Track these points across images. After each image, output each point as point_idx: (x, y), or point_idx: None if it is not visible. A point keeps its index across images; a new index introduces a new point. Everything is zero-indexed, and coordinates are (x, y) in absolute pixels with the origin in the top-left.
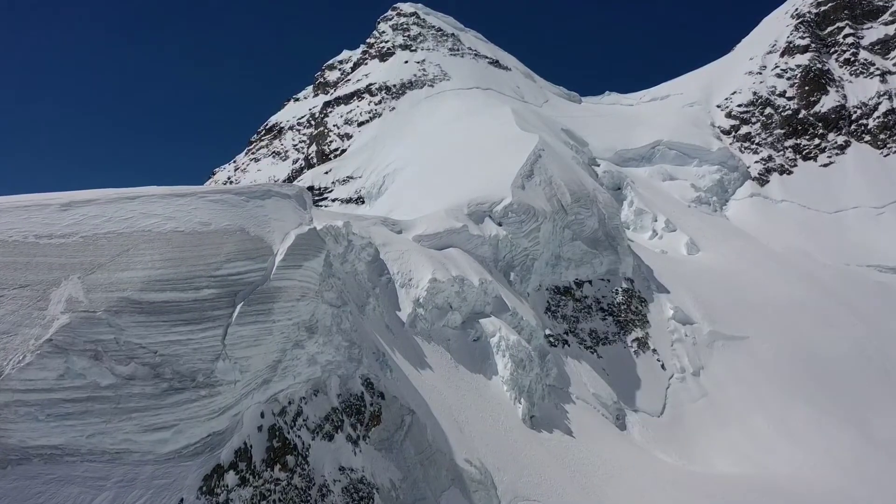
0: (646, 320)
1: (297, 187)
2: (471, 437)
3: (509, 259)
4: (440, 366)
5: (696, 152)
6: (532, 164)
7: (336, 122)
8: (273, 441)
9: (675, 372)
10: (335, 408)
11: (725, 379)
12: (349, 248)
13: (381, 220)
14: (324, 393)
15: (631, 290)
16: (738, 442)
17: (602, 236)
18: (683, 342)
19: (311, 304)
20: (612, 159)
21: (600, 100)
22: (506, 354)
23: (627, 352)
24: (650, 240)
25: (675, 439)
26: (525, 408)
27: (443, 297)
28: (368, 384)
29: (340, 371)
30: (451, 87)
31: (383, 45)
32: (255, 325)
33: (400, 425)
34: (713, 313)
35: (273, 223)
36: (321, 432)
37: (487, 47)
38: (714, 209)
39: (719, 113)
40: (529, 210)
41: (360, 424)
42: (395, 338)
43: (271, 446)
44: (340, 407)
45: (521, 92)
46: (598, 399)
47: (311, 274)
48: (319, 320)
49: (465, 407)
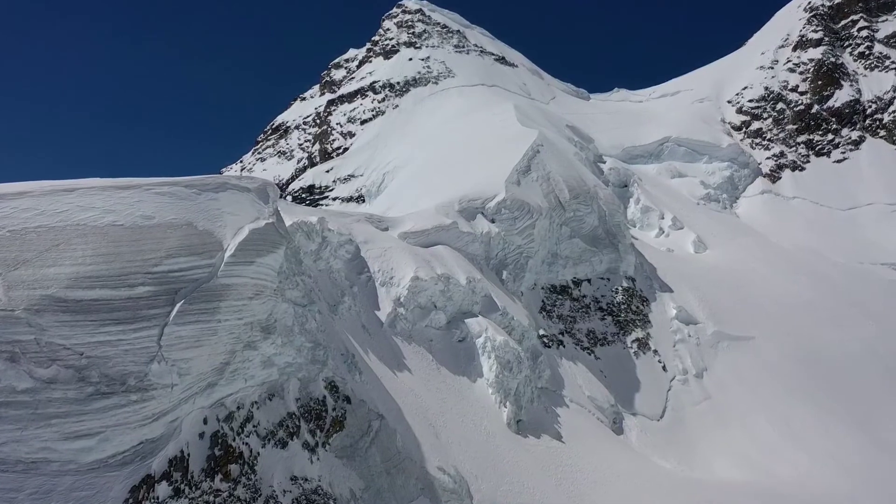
0: (647, 320)
1: (261, 180)
2: (447, 443)
3: (502, 257)
4: (420, 368)
5: (706, 149)
6: (529, 159)
7: (339, 121)
8: (215, 449)
9: (677, 374)
10: (292, 413)
11: (729, 381)
12: (323, 245)
13: (365, 217)
14: (280, 397)
15: (632, 289)
16: (741, 446)
17: (602, 234)
18: (686, 343)
19: (269, 302)
20: (620, 156)
21: (609, 96)
22: (491, 356)
23: (627, 353)
24: (656, 238)
25: (675, 444)
26: (511, 411)
27: (426, 297)
28: (333, 388)
29: (301, 374)
30: (455, 84)
31: (388, 43)
32: (197, 324)
33: (366, 431)
34: (718, 313)
35: (226, 217)
36: (273, 439)
37: (494, 44)
38: (724, 206)
39: (730, 109)
40: (524, 206)
41: (320, 430)
42: (370, 339)
43: (213, 454)
44: (298, 412)
45: (527, 89)
46: (593, 402)
47: (267, 271)
48: (279, 320)
49: (444, 411)
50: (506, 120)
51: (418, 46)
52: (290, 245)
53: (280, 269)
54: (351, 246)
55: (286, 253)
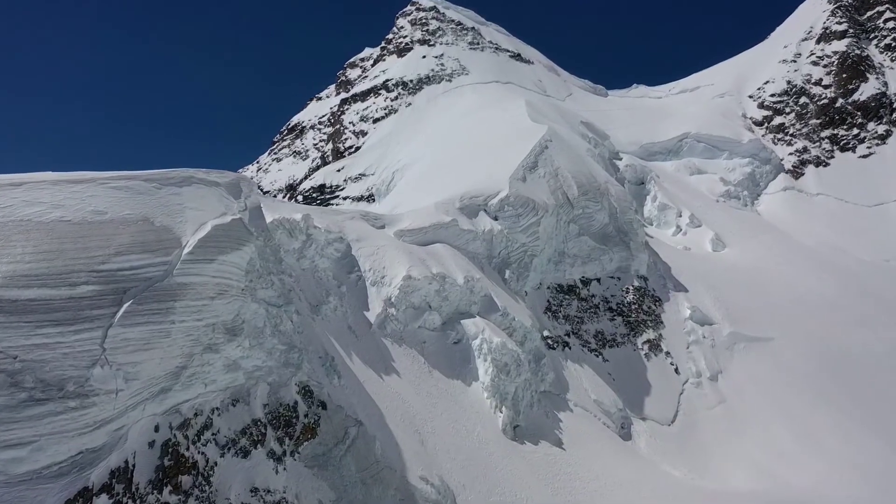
0: (659, 321)
1: (233, 174)
2: (434, 450)
3: (505, 256)
4: (410, 371)
5: (726, 145)
6: (537, 155)
7: (352, 120)
8: (165, 459)
9: (690, 376)
10: (257, 420)
11: (745, 384)
12: (307, 243)
13: (360, 215)
14: (245, 403)
15: (644, 288)
16: (757, 453)
17: (613, 231)
18: (700, 344)
19: (235, 302)
20: (637, 153)
21: (627, 92)
22: (487, 358)
23: (637, 355)
24: (673, 236)
25: (686, 450)
26: (507, 417)
27: (420, 296)
28: (307, 392)
29: (271, 378)
30: (469, 81)
31: (401, 41)
32: (147, 326)
33: (342, 438)
34: (735, 313)
35: (188, 213)
36: (235, 448)
37: (509, 41)
38: (744, 204)
39: (751, 103)
40: (528, 203)
41: (289, 438)
42: (357, 341)
43: (162, 465)
44: (265, 419)
45: (543, 85)
46: (599, 406)
47: (232, 269)
48: (247, 321)
49: (433, 416)
50: (516, 116)
51: (432, 44)
52: (268, 242)
53: (250, 267)
54: (341, 244)
55: (260, 250)
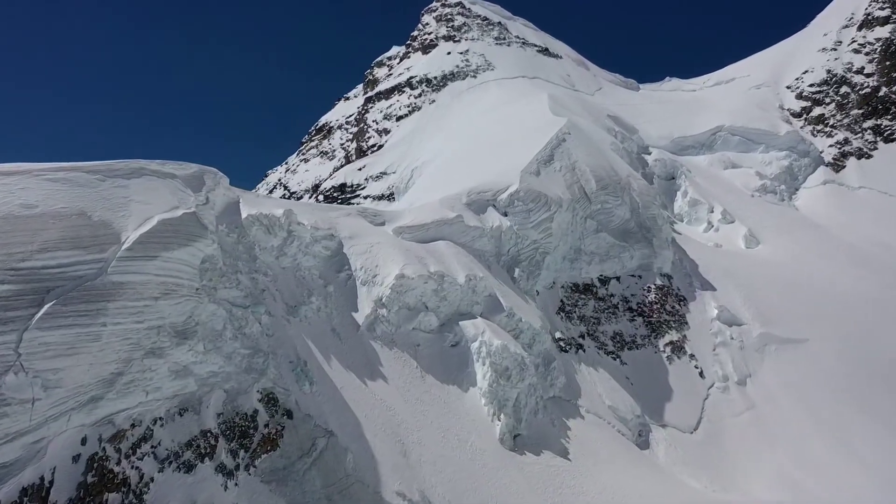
0: (683, 321)
1: (196, 167)
2: (417, 462)
3: (514, 253)
4: (400, 376)
5: (762, 137)
6: (553, 148)
7: (375, 118)
8: (89, 475)
9: (716, 380)
10: (207, 430)
11: (776, 389)
12: (289, 240)
13: (358, 212)
14: (194, 412)
15: (667, 287)
16: (787, 465)
17: (635, 227)
18: (728, 346)
19: (186, 303)
20: (668, 147)
21: (659, 86)
22: (486, 362)
23: (658, 357)
24: (705, 233)
25: (710, 460)
26: (505, 425)
27: (414, 296)
28: (270, 400)
29: (229, 385)
30: (494, 77)
31: (426, 38)
32: (73, 329)
33: (308, 450)
34: (767, 313)
35: (133, 206)
36: (177, 461)
37: (537, 35)
38: (781, 198)
39: (789, 94)
40: (540, 198)
41: (245, 450)
42: (340, 344)
43: (84, 482)
44: (218, 429)
45: (571, 80)
46: (614, 413)
47: (181, 267)
48: (202, 323)
49: (421, 425)
50: (537, 110)
51: (457, 40)
52: (242, 239)
53: (210, 265)
54: (331, 242)
55: (231, 247)
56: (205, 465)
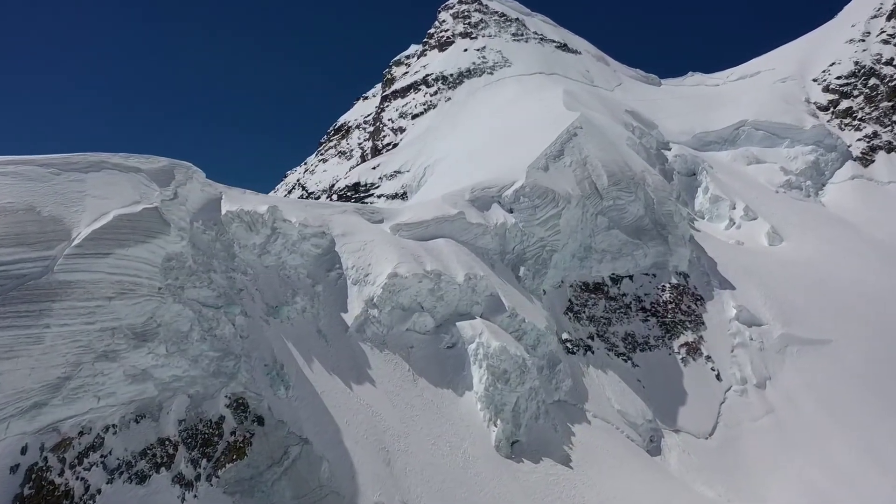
0: (700, 321)
1: (167, 160)
2: (402, 471)
3: (520, 251)
4: (390, 379)
5: (787, 132)
6: (563, 143)
7: (391, 117)
8: (26, 487)
9: (734, 383)
10: (166, 438)
11: (798, 392)
12: (273, 237)
13: (355, 209)
14: (153, 418)
15: (683, 286)
16: (809, 472)
17: (649, 224)
18: (747, 347)
19: (146, 303)
20: (690, 143)
21: (682, 81)
22: (483, 364)
23: (672, 359)
24: (726, 230)
25: (725, 467)
26: (502, 431)
27: (409, 296)
28: (240, 406)
29: (194, 389)
30: (511, 73)
31: (443, 35)
32: (11, 330)
33: (278, 459)
34: (788, 312)
35: (89, 201)
36: (129, 472)
37: (556, 31)
38: (807, 194)
39: (815, 87)
40: (547, 194)
41: (207, 459)
42: (326, 346)
43: (21, 494)
44: (179, 436)
45: (590, 76)
46: (623, 417)
47: (139, 265)
48: (165, 324)
49: (410, 432)
50: (551, 105)
51: (474, 37)
52: (220, 236)
53: (177, 263)
54: (322, 239)
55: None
56: (160, 476)
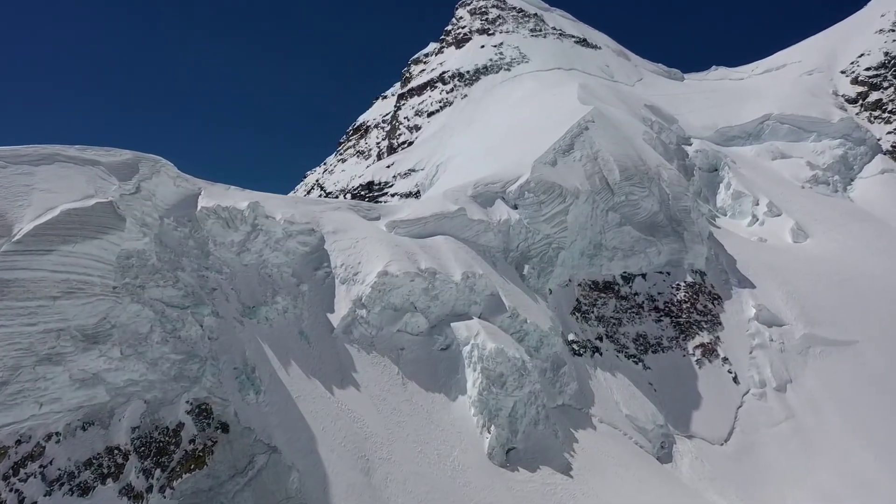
0: (717, 322)
1: (131, 153)
2: (383, 482)
3: (524, 249)
4: (376, 383)
5: (814, 125)
6: (573, 137)
7: (407, 115)
8: None
9: (752, 387)
10: (115, 447)
11: (820, 396)
12: (253, 234)
13: (349, 206)
14: (102, 426)
15: (699, 284)
16: (830, 481)
17: (664, 220)
18: (767, 349)
19: (100, 303)
20: (712, 138)
21: (705, 75)
22: (477, 367)
23: (687, 361)
24: (749, 227)
25: (741, 475)
26: (496, 438)
27: (400, 295)
28: (202, 412)
29: (151, 394)
30: (529, 69)
31: (460, 32)
32: None
33: (243, 469)
34: (812, 312)
35: (36, 195)
36: (71, 483)
37: (574, 26)
38: (835, 189)
39: (843, 80)
40: (553, 189)
41: (162, 469)
42: (308, 348)
43: None
44: (130, 444)
45: (610, 71)
46: (632, 423)
47: (90, 263)
48: (121, 325)
49: (395, 438)
50: (565, 99)
51: (491, 33)
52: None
53: (132, 260)
54: (310, 237)
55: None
56: (106, 487)
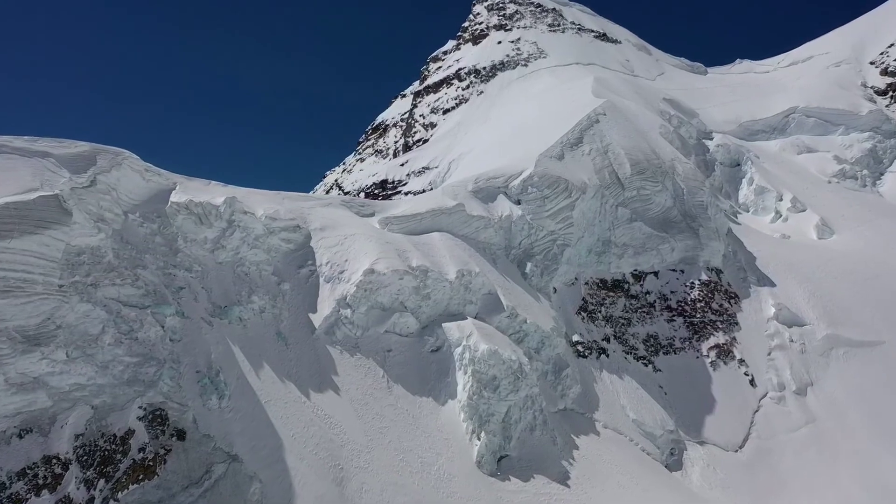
0: (733, 322)
1: (89, 145)
2: (356, 492)
3: (527, 246)
4: (358, 387)
5: (842, 118)
6: (583, 130)
7: (423, 112)
8: None
9: (770, 390)
10: (54, 456)
11: (843, 400)
12: (230, 231)
13: (342, 201)
14: (41, 433)
15: (714, 283)
16: (853, 489)
17: (678, 216)
18: (787, 350)
19: (43, 302)
20: (735, 132)
21: (729, 69)
22: (468, 370)
23: (700, 363)
24: (772, 223)
25: (756, 484)
26: (486, 445)
27: (389, 295)
28: (157, 418)
29: (100, 399)
30: (546, 64)
31: (477, 28)
32: None
33: (198, 479)
34: (835, 311)
35: None
36: (1, 495)
37: (594, 21)
38: (863, 184)
39: (873, 71)
40: (558, 183)
41: (106, 479)
42: (285, 350)
43: None
44: (73, 454)
45: (630, 65)
46: (639, 428)
47: (30, 259)
48: (67, 326)
49: (375, 445)
50: (579, 93)
51: (508, 28)
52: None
53: (83, 257)
54: (295, 234)
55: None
56: (40, 500)
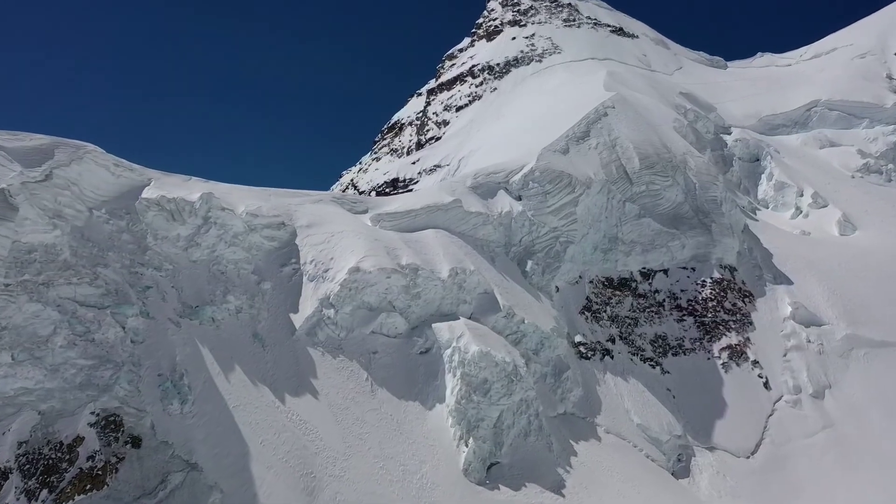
0: (747, 321)
1: (49, 138)
2: (328, 502)
3: (528, 243)
4: (339, 391)
5: (866, 111)
6: (590, 123)
7: (436, 110)
8: None
9: (786, 392)
10: None
11: (864, 403)
12: (205, 228)
13: (333, 197)
14: None
15: (728, 281)
16: (873, 496)
17: (689, 212)
18: (804, 351)
19: None
20: (755, 127)
21: (750, 63)
22: (457, 373)
23: (711, 365)
24: (792, 219)
25: (769, 492)
26: (474, 452)
27: (376, 294)
28: (110, 424)
29: (48, 404)
30: (561, 60)
31: (491, 24)
32: None
33: (152, 490)
34: (856, 310)
35: None
36: None
37: (610, 15)
38: (888, 179)
39: None
40: (561, 178)
41: (49, 489)
42: (262, 352)
43: None
44: (15, 462)
45: (647, 60)
46: (643, 433)
47: None
48: (14, 328)
49: (353, 452)
50: (590, 87)
51: (523, 24)
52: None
53: (35, 255)
54: (279, 231)
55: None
56: None
